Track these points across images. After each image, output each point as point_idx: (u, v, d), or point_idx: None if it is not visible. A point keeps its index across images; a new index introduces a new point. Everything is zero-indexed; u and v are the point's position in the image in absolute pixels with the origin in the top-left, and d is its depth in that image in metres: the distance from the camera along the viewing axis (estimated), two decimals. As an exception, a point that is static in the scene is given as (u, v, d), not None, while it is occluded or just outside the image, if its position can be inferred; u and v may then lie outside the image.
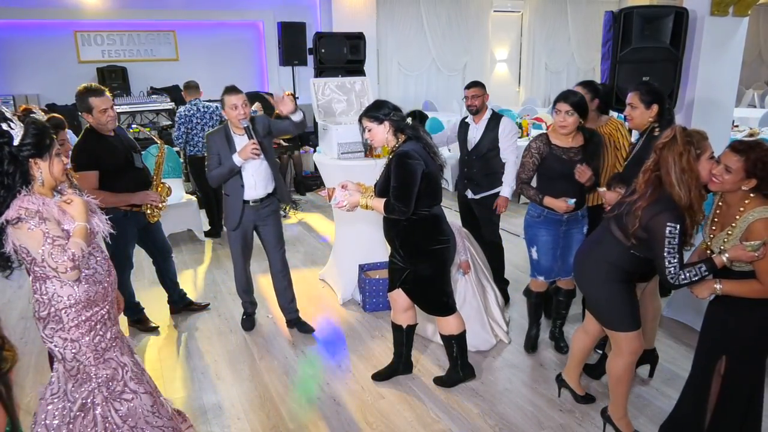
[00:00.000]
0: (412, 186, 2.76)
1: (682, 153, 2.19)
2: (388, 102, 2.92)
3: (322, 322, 4.05)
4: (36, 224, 1.95)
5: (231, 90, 3.48)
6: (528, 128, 7.26)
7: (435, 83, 11.14)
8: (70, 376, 2.18)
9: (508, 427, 2.88)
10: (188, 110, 5.76)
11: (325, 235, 6.08)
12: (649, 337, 3.13)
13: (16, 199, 1.97)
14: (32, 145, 2.00)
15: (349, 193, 2.95)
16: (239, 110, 3.42)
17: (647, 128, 2.92)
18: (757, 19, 13.21)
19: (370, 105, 2.95)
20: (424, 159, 2.79)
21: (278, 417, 3.00)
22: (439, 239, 2.90)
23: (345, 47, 6.42)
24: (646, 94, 2.88)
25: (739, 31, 4.13)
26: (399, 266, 3.00)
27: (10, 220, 1.95)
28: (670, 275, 2.22)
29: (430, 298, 3.04)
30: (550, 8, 11.63)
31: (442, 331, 3.13)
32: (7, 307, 4.41)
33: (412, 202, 2.77)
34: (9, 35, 7.66)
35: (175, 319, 4.14)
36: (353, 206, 2.95)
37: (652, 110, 2.87)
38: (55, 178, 2.10)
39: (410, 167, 2.75)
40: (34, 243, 1.95)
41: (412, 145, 2.83)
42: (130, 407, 2.27)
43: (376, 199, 2.88)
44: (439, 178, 2.91)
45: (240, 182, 3.53)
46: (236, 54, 9.04)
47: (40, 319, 2.13)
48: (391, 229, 2.93)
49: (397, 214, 2.79)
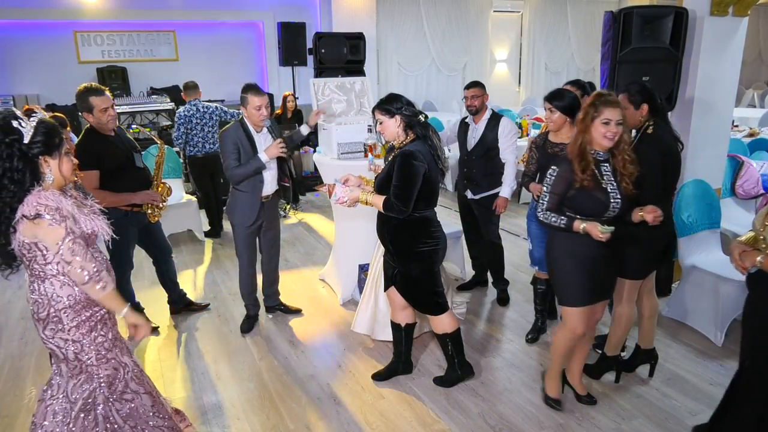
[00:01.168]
0: (413, 187, 2.76)
1: (585, 111, 2.56)
2: (402, 97, 2.90)
3: (322, 322, 4.05)
4: (57, 221, 1.98)
5: (256, 90, 3.48)
6: (528, 128, 7.26)
7: (435, 83, 11.14)
8: (71, 375, 2.18)
9: (508, 426, 2.88)
10: (188, 111, 5.76)
11: (324, 235, 6.08)
12: (647, 336, 3.16)
13: (31, 195, 1.99)
14: (42, 142, 2.02)
15: (349, 189, 2.95)
16: (263, 111, 3.47)
17: (641, 126, 2.93)
18: (757, 19, 13.23)
19: (384, 97, 2.93)
20: (427, 161, 2.80)
21: (278, 417, 3.00)
22: (428, 241, 2.92)
23: (345, 47, 6.42)
24: (634, 94, 2.88)
25: (739, 31, 4.13)
26: (390, 264, 3.03)
27: (28, 216, 1.96)
28: (540, 209, 2.67)
29: (419, 297, 3.06)
30: (550, 8, 11.64)
31: (436, 330, 3.14)
32: (7, 308, 4.41)
33: (412, 202, 2.78)
34: (9, 35, 7.66)
35: (175, 320, 4.14)
36: (354, 202, 2.95)
37: (643, 110, 2.88)
38: (65, 177, 2.11)
39: (414, 168, 2.75)
40: (54, 238, 1.99)
41: (419, 145, 2.83)
42: (131, 407, 2.27)
43: (376, 196, 2.88)
44: (438, 182, 2.91)
45: (260, 179, 3.60)
46: (236, 54, 9.05)
47: (40, 320, 2.13)
48: (383, 226, 2.95)
49: (395, 212, 2.80)
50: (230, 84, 8.93)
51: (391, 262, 3.02)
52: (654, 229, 2.70)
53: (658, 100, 2.94)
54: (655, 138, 2.86)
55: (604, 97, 2.54)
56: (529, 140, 3.82)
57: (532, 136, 4.56)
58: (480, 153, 3.99)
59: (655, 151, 2.81)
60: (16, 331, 4.00)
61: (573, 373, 3.01)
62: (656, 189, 2.78)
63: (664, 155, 2.84)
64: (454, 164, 5.85)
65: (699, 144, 4.17)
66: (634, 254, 2.86)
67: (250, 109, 3.47)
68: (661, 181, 2.84)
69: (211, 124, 5.80)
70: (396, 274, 3.00)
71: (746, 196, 4.66)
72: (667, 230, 2.98)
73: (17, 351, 3.73)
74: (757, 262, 2.16)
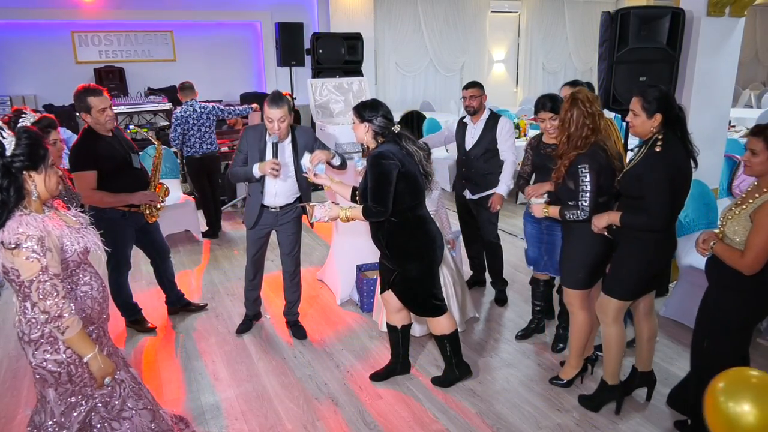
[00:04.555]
0: (386, 185, 2.73)
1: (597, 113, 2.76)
2: (383, 107, 2.87)
3: (320, 323, 4.05)
4: (37, 255, 1.81)
5: (271, 101, 3.25)
6: (525, 128, 7.26)
7: (433, 83, 11.14)
8: (61, 400, 2.03)
9: (506, 426, 2.88)
10: (184, 111, 5.75)
11: (323, 235, 6.07)
12: (645, 359, 2.99)
13: (12, 220, 1.81)
14: (26, 156, 1.83)
15: (328, 208, 2.93)
16: (274, 125, 3.27)
17: (650, 138, 2.60)
18: (754, 20, 13.26)
19: (365, 101, 2.92)
20: (399, 159, 2.77)
21: (276, 418, 3.00)
22: (424, 240, 2.91)
23: (342, 48, 6.44)
24: (650, 102, 2.52)
25: (736, 32, 4.14)
26: (388, 268, 3.02)
27: (6, 245, 1.80)
28: (583, 213, 2.77)
29: (418, 299, 3.03)
30: (548, 9, 11.65)
31: (434, 332, 3.14)
32: (4, 308, 4.40)
33: (389, 202, 2.75)
34: (6, 36, 7.64)
35: (172, 320, 4.14)
36: (333, 219, 2.96)
37: (655, 120, 2.53)
38: (50, 192, 1.95)
39: (384, 167, 2.73)
40: (28, 272, 1.82)
41: (388, 146, 2.81)
42: (130, 425, 2.17)
43: (353, 209, 2.87)
44: (418, 177, 2.85)
45: (260, 188, 3.48)
46: (234, 54, 9.04)
47: (31, 342, 1.97)
48: (378, 231, 2.92)
49: (375, 216, 2.78)
50: (228, 84, 8.94)
51: (389, 266, 3.00)
52: (658, 250, 2.64)
53: (676, 111, 2.57)
54: (662, 158, 2.51)
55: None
56: (528, 140, 3.82)
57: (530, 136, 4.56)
58: (478, 153, 4.00)
59: (660, 174, 2.48)
60: (13, 332, 3.97)
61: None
62: (663, 211, 2.51)
63: (673, 179, 2.50)
64: (452, 164, 5.86)
65: (696, 144, 4.17)
66: (629, 273, 2.68)
67: (265, 121, 3.32)
68: (668, 202, 2.51)
69: (208, 125, 5.79)
70: (395, 277, 2.98)
71: (743, 196, 4.66)
72: (668, 253, 2.76)
73: (15, 351, 3.72)
74: (710, 246, 2.38)
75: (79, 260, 2.03)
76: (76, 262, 2.02)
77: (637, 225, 2.57)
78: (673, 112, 2.55)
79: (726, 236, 2.38)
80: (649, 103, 2.53)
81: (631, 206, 2.61)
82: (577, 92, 2.77)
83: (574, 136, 2.73)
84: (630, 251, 2.66)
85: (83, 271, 2.07)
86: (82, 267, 2.07)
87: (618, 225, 2.64)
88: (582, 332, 3.03)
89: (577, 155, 2.72)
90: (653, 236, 2.59)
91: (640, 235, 2.60)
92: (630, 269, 2.68)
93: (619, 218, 2.61)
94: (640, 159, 2.60)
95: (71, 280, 2.03)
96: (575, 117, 2.71)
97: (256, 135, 3.44)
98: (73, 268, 2.02)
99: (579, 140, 2.72)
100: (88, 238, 2.05)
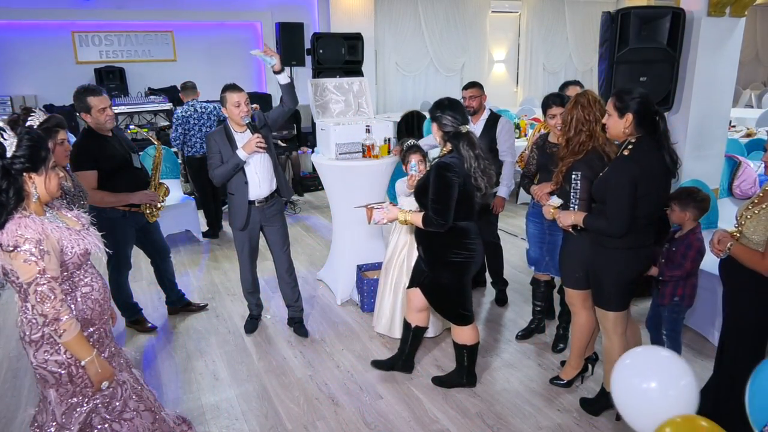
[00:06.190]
0: (449, 199, 2.70)
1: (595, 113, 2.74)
2: (453, 103, 2.82)
3: (320, 323, 4.05)
4: (34, 258, 1.80)
5: (232, 87, 3.47)
6: (526, 129, 7.26)
7: (433, 84, 11.13)
8: (61, 401, 2.03)
9: (506, 426, 2.88)
10: (185, 111, 5.76)
11: (323, 235, 6.08)
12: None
13: (11, 222, 1.80)
14: (26, 157, 1.81)
15: (387, 210, 2.93)
16: (242, 107, 3.42)
17: (623, 141, 2.53)
18: (754, 20, 13.25)
19: (439, 99, 2.88)
20: (462, 174, 2.73)
21: (276, 418, 3.00)
22: (462, 252, 2.87)
23: (343, 48, 6.43)
24: (622, 101, 2.46)
25: (736, 32, 4.14)
26: (421, 268, 3.02)
27: (4, 246, 1.79)
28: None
29: (445, 305, 3.04)
30: (548, 9, 11.64)
31: (456, 339, 3.12)
32: (5, 308, 4.40)
33: (450, 216, 2.72)
34: (6, 36, 7.64)
35: (173, 320, 4.14)
36: (391, 221, 2.96)
37: (626, 120, 2.45)
38: (51, 194, 1.93)
39: (446, 179, 2.69)
40: (26, 275, 1.82)
41: (454, 159, 2.76)
42: (131, 427, 2.16)
43: (414, 214, 2.85)
44: (472, 194, 2.81)
45: (244, 179, 3.49)
46: (234, 54, 9.02)
47: (32, 343, 1.97)
48: (420, 230, 2.90)
49: (435, 227, 2.74)
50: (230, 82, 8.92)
51: (423, 266, 3.00)
52: (629, 260, 2.56)
53: (652, 113, 2.46)
54: (628, 163, 2.45)
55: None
56: (528, 140, 3.83)
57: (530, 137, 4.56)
58: (478, 153, 3.99)
59: (623, 179, 2.41)
60: (14, 331, 3.99)
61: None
62: (621, 216, 2.43)
63: (637, 185, 2.41)
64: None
65: (696, 144, 4.18)
66: (607, 285, 2.63)
67: (229, 108, 3.42)
68: (626, 208, 2.42)
69: (209, 125, 5.80)
70: (425, 278, 2.98)
71: (743, 196, 4.66)
72: (640, 263, 2.65)
73: (15, 351, 3.72)
74: (728, 246, 2.33)
75: (79, 262, 2.02)
76: (76, 264, 2.01)
77: (596, 228, 2.55)
78: (648, 116, 2.44)
79: (744, 236, 2.32)
80: (622, 103, 2.45)
81: (597, 210, 2.62)
82: (581, 95, 2.76)
83: (573, 140, 2.73)
84: (600, 263, 2.64)
85: (84, 272, 2.06)
86: (83, 268, 2.06)
87: (581, 226, 2.63)
88: (583, 332, 3.03)
89: (573, 161, 2.73)
90: (620, 246, 2.52)
91: (607, 243, 2.56)
92: (607, 282, 2.63)
93: (582, 219, 2.61)
94: (612, 163, 2.58)
95: (71, 281, 2.02)
96: (575, 121, 2.72)
97: (220, 135, 3.48)
98: (72, 269, 2.01)
99: (576, 146, 2.73)
100: (89, 240, 2.04)
